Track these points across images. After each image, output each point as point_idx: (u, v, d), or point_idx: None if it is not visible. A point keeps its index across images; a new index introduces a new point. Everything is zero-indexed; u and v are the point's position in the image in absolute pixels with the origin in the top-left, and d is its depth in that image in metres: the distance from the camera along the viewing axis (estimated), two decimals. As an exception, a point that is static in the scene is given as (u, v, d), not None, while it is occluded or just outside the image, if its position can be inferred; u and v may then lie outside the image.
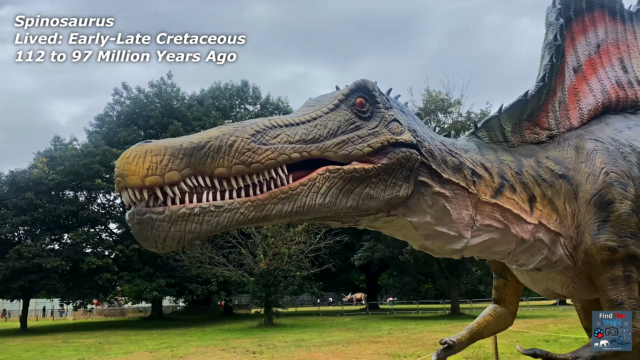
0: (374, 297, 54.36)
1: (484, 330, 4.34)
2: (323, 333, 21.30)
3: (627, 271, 3.51)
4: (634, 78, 4.72)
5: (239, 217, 2.40)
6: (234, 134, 2.45)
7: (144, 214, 2.24)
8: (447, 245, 3.29)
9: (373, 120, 2.92)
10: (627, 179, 3.71)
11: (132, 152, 2.26)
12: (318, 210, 2.67)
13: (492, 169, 3.50)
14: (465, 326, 4.26)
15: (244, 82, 46.11)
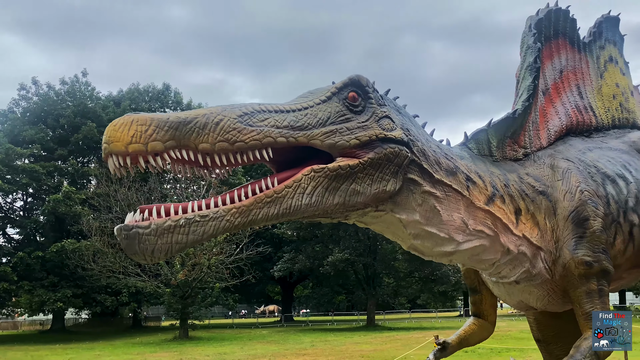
0: (288, 309, 54.26)
1: (470, 337, 4.46)
2: (244, 346, 20.85)
3: (600, 285, 3.72)
4: (587, 104, 5.07)
5: (225, 225, 2.45)
6: (221, 113, 2.51)
7: (131, 229, 2.27)
8: (437, 248, 3.32)
9: (364, 115, 2.96)
10: (597, 197, 3.95)
11: (120, 120, 2.34)
12: (305, 210, 2.71)
13: (485, 178, 3.58)
14: (384, 337, 4.38)
15: (165, 85, 44.68)
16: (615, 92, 5.36)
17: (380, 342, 20.47)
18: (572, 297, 3.77)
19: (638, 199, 4.27)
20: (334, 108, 2.88)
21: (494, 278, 3.98)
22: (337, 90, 2.95)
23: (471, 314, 4.65)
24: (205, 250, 26.13)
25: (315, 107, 2.85)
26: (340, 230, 34.66)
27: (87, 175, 36.94)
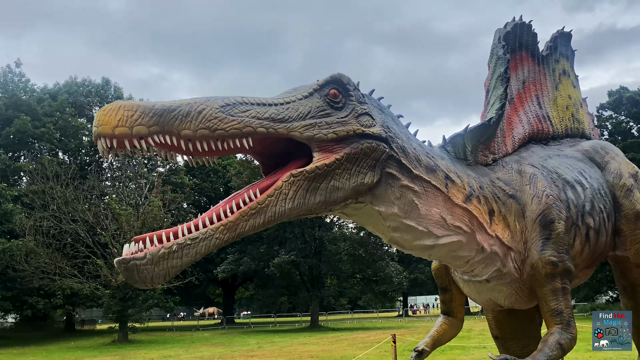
0: (230, 311, 53.57)
1: (442, 337, 4.60)
2: (189, 349, 20.44)
3: (564, 283, 3.97)
4: (545, 114, 5.39)
5: (215, 242, 2.60)
6: (204, 103, 2.65)
7: (129, 262, 2.41)
8: (416, 241, 3.47)
9: (344, 111, 3.11)
10: (560, 202, 4.22)
11: (109, 106, 2.51)
12: (289, 213, 2.86)
13: (463, 178, 3.76)
14: (329, 337, 4.48)
15: (105, 79, 42.99)
16: (568, 103, 5.72)
17: (327, 343, 20.65)
18: (539, 295, 4.00)
19: (593, 204, 4.58)
20: (315, 103, 3.02)
21: (466, 276, 4.15)
22: (319, 87, 3.09)
23: (441, 312, 4.83)
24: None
25: (297, 102, 2.98)
26: (286, 232, 34.64)
27: (19, 171, 34.98)
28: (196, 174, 51.55)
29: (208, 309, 61.85)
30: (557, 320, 3.84)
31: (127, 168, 33.15)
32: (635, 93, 37.29)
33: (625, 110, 37.10)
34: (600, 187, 4.84)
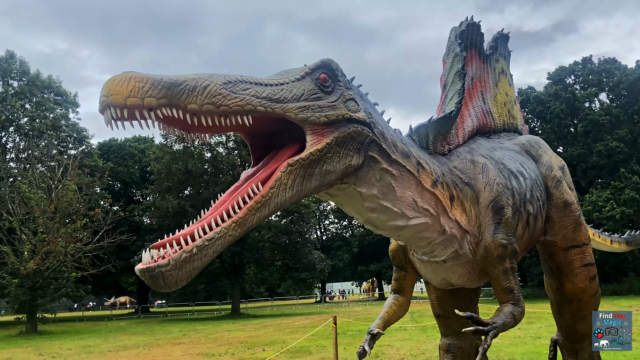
0: (145, 300, 51.93)
1: (392, 317, 4.83)
2: (108, 338, 19.66)
3: (512, 264, 4.37)
4: (488, 109, 5.81)
5: (229, 239, 2.71)
6: (208, 79, 2.72)
7: (154, 270, 2.47)
8: (390, 221, 3.70)
9: (333, 95, 3.27)
10: (507, 190, 4.61)
11: (119, 76, 2.51)
12: (290, 201, 3.00)
13: (430, 165, 4.02)
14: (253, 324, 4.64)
15: (9, 52, 39.69)
16: (505, 100, 6.19)
17: (252, 329, 20.70)
18: (491, 275, 4.36)
19: (532, 193, 5.05)
20: (307, 86, 3.14)
21: (425, 257, 4.43)
22: (310, 71, 3.22)
23: (392, 290, 5.08)
24: (62, 236, 23.97)
25: (291, 84, 3.08)
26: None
27: None
28: (111, 157, 49.28)
29: (120, 298, 59.73)
30: (509, 297, 4.22)
31: (34, 149, 31.03)
32: (541, 93, 40.30)
33: (531, 109, 40.01)
34: (536, 178, 5.34)
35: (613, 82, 39.38)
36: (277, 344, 14.29)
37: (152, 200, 40.75)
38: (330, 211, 60.98)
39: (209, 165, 35.62)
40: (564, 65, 42.14)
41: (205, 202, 33.46)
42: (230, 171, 35.02)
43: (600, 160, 35.91)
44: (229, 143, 36.42)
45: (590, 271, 5.59)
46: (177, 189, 35.93)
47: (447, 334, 5.65)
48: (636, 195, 32.79)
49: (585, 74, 40.12)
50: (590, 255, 5.65)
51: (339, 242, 56.61)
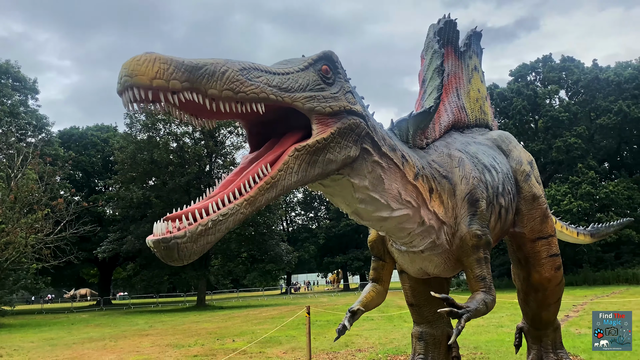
0: (107, 292, 51.00)
1: (370, 302, 4.96)
2: (71, 330, 19.27)
3: (486, 254, 4.56)
4: (462, 105, 6.00)
5: (240, 217, 2.72)
6: (225, 65, 2.72)
7: (170, 241, 2.45)
8: (376, 212, 3.81)
9: (334, 87, 3.36)
10: (482, 183, 4.80)
11: (143, 56, 2.46)
12: (294, 186, 3.06)
13: (412, 158, 4.15)
14: (220, 315, 4.71)
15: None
16: (477, 96, 6.39)
17: (220, 320, 20.65)
18: (465, 264, 4.53)
19: (504, 186, 5.27)
20: (311, 77, 3.20)
21: (404, 247, 4.58)
22: (312, 62, 3.28)
23: (370, 279, 5.21)
24: (22, 227, 23.26)
25: (295, 73, 3.13)
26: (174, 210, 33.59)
27: None
28: (72, 146, 47.92)
29: (80, 290, 58.42)
30: (481, 285, 4.41)
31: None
32: (504, 89, 41.31)
33: (494, 105, 40.99)
34: (507, 172, 5.56)
35: (572, 80, 40.73)
36: (246, 334, 14.34)
37: (115, 191, 39.89)
38: (296, 203, 61.08)
39: (175, 155, 35.07)
40: (526, 63, 43.32)
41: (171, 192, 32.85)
42: (197, 162, 34.62)
43: (559, 156, 37.15)
44: (195, 133, 35.95)
45: (555, 261, 5.87)
46: (142, 179, 35.32)
47: (419, 322, 5.84)
48: (592, 190, 34.13)
49: (546, 72, 41.33)
50: (556, 246, 5.94)
51: (305, 233, 56.79)
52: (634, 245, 34.06)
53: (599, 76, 38.78)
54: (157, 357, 10.77)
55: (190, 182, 34.10)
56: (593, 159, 37.63)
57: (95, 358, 11.10)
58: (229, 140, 37.31)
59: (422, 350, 5.70)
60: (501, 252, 36.43)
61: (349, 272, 57.62)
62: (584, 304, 18.41)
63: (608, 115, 37.08)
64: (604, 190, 34.26)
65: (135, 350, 12.05)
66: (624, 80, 38.05)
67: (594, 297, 21.79)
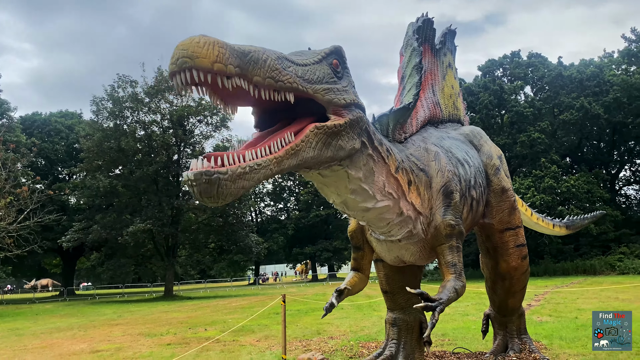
0: (70, 282, 49.98)
1: (354, 286, 5.16)
2: (37, 321, 18.91)
3: (458, 242, 4.80)
4: (437, 100, 6.24)
5: (268, 173, 2.81)
6: (265, 52, 2.81)
7: (212, 175, 2.50)
8: (362, 203, 3.98)
9: (344, 80, 3.53)
10: (456, 176, 5.03)
11: (202, 39, 2.48)
12: (309, 161, 3.20)
13: (394, 152, 4.33)
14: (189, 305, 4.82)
15: None
16: (451, 92, 6.64)
17: (189, 310, 20.60)
18: (438, 251, 4.76)
19: (476, 179, 5.53)
20: (325, 70, 3.34)
21: (382, 237, 4.77)
22: (325, 55, 3.42)
23: (351, 268, 5.42)
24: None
25: (312, 66, 3.26)
26: (142, 200, 33.21)
27: None
28: (35, 132, 46.61)
29: (41, 280, 56.92)
30: (451, 271, 4.64)
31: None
32: (471, 84, 42.10)
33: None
34: (479, 166, 5.82)
35: (537, 77, 41.83)
36: (218, 323, 14.40)
37: (80, 179, 39.03)
38: (266, 194, 60.94)
39: (143, 144, 34.51)
40: (494, 59, 44.20)
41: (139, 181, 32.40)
42: (165, 151, 34.17)
43: (523, 150, 38.18)
44: (163, 122, 35.44)
45: (522, 251, 6.19)
46: (108, 168, 34.66)
47: (393, 309, 6.08)
48: (554, 184, 35.27)
49: (513, 68, 42.29)
50: (522, 236, 6.26)
51: (274, 224, 56.81)
52: (592, 237, 35.41)
53: (562, 73, 39.94)
54: (130, 345, 10.76)
55: (158, 171, 33.66)
56: (556, 153, 38.82)
57: (66, 347, 11.00)
58: (198, 129, 36.93)
59: (395, 335, 5.94)
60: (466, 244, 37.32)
61: (318, 263, 57.95)
62: (545, 294, 19.17)
63: (570, 111, 38.29)
64: (565, 184, 35.45)
65: (106, 339, 11.99)
66: (586, 78, 39.32)
67: (554, 287, 22.67)
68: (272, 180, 60.34)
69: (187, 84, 2.50)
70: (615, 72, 39.93)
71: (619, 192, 45.35)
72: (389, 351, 5.90)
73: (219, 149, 35.93)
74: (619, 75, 38.94)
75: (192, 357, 8.81)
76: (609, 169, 43.53)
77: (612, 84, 38.25)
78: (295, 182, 58.79)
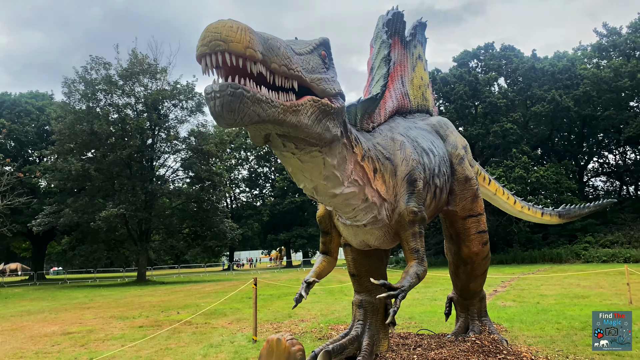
0: (41, 266, 49.28)
1: (322, 271, 5.36)
2: (7, 304, 18.69)
3: (420, 228, 5.02)
4: (406, 91, 6.43)
5: (274, 114, 2.91)
6: (278, 41, 2.94)
7: (238, 89, 2.65)
8: (331, 189, 4.15)
9: (331, 71, 3.71)
10: (420, 165, 5.24)
11: (234, 23, 2.58)
12: (303, 128, 3.33)
13: (361, 140, 4.51)
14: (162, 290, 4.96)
15: None
16: (420, 83, 6.84)
17: (162, 294, 20.63)
18: (402, 237, 4.98)
19: (440, 168, 5.75)
20: (317, 60, 3.50)
21: (348, 221, 4.96)
22: (315, 46, 3.56)
23: (320, 252, 5.61)
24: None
25: (307, 55, 3.40)
26: (115, 184, 32.84)
27: None
28: (3, 113, 45.48)
29: (10, 264, 56.02)
30: (414, 256, 4.87)
31: None
32: (446, 75, 42.58)
33: (437, 89, 42.23)
34: (444, 155, 6.05)
35: (511, 69, 42.54)
36: (190, 307, 14.53)
37: (52, 162, 38.31)
38: (241, 180, 60.81)
39: (116, 127, 34.03)
40: (468, 50, 44.76)
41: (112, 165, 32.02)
42: (139, 134, 33.76)
43: (495, 140, 38.93)
44: (138, 105, 35.00)
45: (483, 237, 6.47)
46: (81, 151, 34.10)
47: (360, 291, 6.30)
48: (524, 174, 36.13)
49: (487, 59, 42.90)
50: (484, 223, 6.53)
51: (250, 210, 56.81)
52: (559, 227, 36.45)
53: (535, 66, 40.71)
54: (102, 328, 10.82)
55: (132, 155, 33.30)
56: (527, 144, 39.69)
57: (37, 329, 11.00)
58: (172, 114, 36.57)
59: (361, 316, 6.16)
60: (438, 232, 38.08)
61: (293, 249, 58.28)
62: (512, 280, 19.77)
63: (542, 103, 39.13)
64: (535, 174, 36.35)
65: (77, 322, 12.01)
66: (558, 71, 40.17)
67: (520, 274, 23.37)
68: (248, 166, 60.24)
69: (215, 66, 2.59)
70: (586, 66, 40.89)
71: (587, 183, 46.68)
72: (354, 331, 6.12)
73: (195, 134, 35.72)
74: (590, 69, 39.90)
75: (164, 339, 8.95)
76: (578, 160, 44.72)
77: (582, 78, 39.19)
78: (271, 168, 58.81)
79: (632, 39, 38.11)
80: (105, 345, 8.76)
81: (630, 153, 45.59)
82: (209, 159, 36.24)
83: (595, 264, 29.97)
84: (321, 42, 3.64)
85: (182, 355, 7.41)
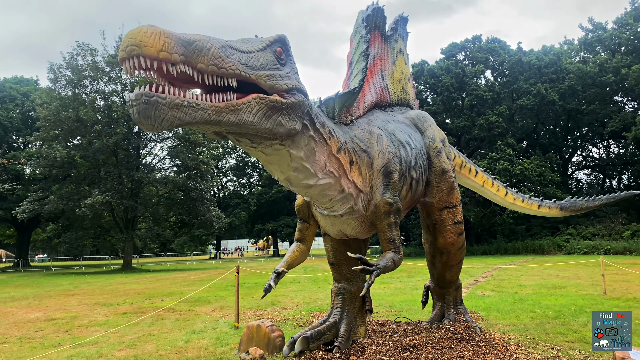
0: (25, 253, 48.99)
1: (294, 261, 5.53)
2: (-10, 291, 18.70)
3: (396, 219, 5.19)
4: (385, 85, 6.56)
5: (204, 115, 3.07)
6: (209, 42, 3.07)
7: (152, 97, 2.78)
8: (304, 180, 4.32)
9: (287, 67, 3.82)
10: (396, 157, 5.39)
11: (149, 29, 2.76)
12: (249, 126, 3.46)
13: (337, 133, 4.65)
14: (148, 277, 5.10)
15: None
16: (400, 77, 6.97)
17: (148, 282, 20.70)
18: (378, 227, 5.15)
19: (417, 161, 5.91)
20: (269, 57, 3.61)
21: (326, 212, 5.12)
22: (269, 44, 3.68)
23: (295, 239, 5.79)
24: None
25: (257, 53, 3.53)
26: (101, 172, 32.67)
27: None
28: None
29: (-6, 252, 55.73)
30: (391, 245, 5.05)
31: None
32: (434, 67, 42.76)
33: (424, 81, 42.43)
34: (421, 148, 6.21)
35: (498, 62, 42.83)
36: (175, 294, 14.65)
37: (37, 148, 37.98)
38: (228, 169, 60.72)
39: (103, 114, 33.79)
40: (456, 42, 44.93)
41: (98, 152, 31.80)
42: (125, 122, 33.57)
43: (481, 133, 39.28)
44: (124, 92, 34.74)
45: (458, 228, 6.67)
46: (66, 138, 33.86)
47: (338, 279, 6.48)
48: (509, 166, 36.55)
49: (474, 52, 43.13)
50: (460, 215, 6.72)
51: (237, 199, 56.83)
52: (542, 218, 36.98)
53: (522, 59, 41.03)
54: (86, 314, 10.92)
55: (118, 142, 33.11)
56: (512, 137, 40.10)
57: (20, 315, 11.07)
58: (160, 102, 36.30)
59: (339, 304, 6.34)
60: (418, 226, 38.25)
61: (279, 238, 58.48)
62: (493, 271, 20.13)
63: (527, 97, 39.51)
64: (519, 167, 36.79)
65: (62, 309, 12.08)
66: (544, 65, 40.54)
67: (502, 265, 23.76)
68: (236, 155, 60.13)
69: (134, 69, 2.77)
70: (572, 61, 41.32)
71: (571, 176, 47.33)
72: (333, 318, 6.31)
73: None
74: (575, 63, 40.34)
75: (147, 325, 9.08)
76: (563, 153, 45.29)
77: (568, 72, 39.62)
78: (259, 157, 58.55)
79: (617, 35, 38.55)
80: (88, 331, 8.87)
81: (614, 147, 46.29)
82: (196, 147, 36.19)
83: (576, 256, 30.53)
84: (276, 39, 3.76)
85: (164, 341, 7.55)
